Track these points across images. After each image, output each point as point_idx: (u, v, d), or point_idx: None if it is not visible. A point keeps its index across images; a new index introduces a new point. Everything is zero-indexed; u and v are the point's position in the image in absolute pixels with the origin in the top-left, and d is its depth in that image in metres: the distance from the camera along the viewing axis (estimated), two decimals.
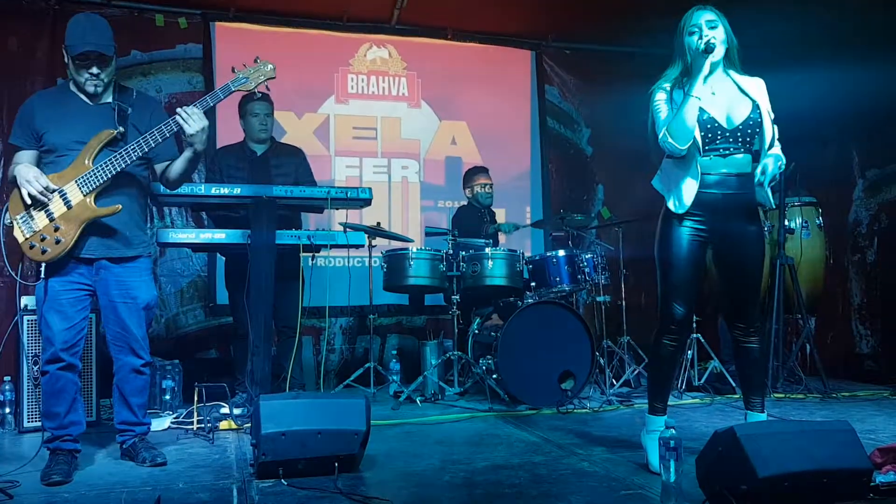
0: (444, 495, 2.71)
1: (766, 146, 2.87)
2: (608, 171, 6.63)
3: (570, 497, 2.65)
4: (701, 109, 2.86)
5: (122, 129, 3.09)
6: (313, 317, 5.10)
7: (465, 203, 5.68)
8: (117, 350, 3.18)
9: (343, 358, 5.86)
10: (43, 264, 2.96)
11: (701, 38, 2.88)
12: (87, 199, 2.98)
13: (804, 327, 4.93)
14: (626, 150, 6.47)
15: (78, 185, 2.97)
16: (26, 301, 4.03)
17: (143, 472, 3.05)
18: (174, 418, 4.06)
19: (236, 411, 4.03)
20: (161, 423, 3.98)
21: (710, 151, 2.90)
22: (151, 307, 3.25)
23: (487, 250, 4.84)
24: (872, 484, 2.43)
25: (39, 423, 3.88)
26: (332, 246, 4.22)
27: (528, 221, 6.32)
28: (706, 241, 2.97)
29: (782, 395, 4.66)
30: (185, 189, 3.57)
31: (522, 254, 4.98)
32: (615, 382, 4.93)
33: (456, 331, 4.83)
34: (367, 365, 4.88)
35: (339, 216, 5.02)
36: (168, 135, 3.06)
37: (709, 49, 2.85)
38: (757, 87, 2.97)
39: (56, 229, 2.95)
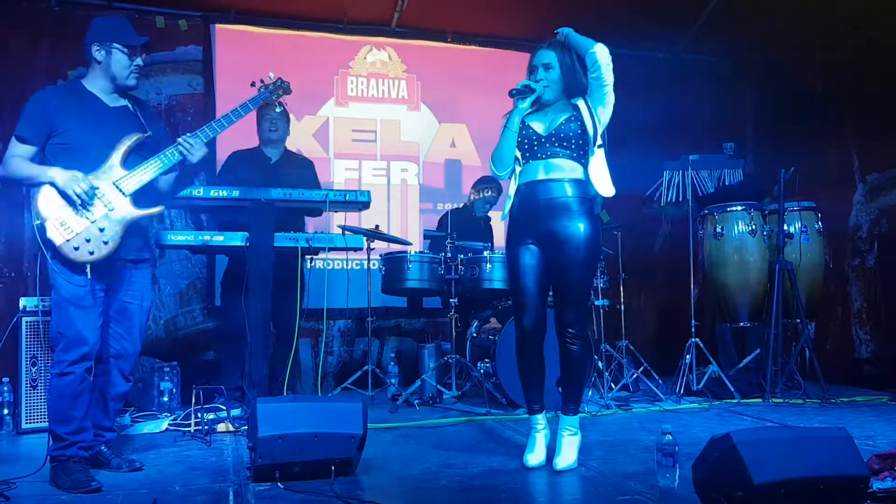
0: (441, 500, 2.71)
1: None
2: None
3: (568, 502, 2.64)
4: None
5: (150, 132, 3.08)
6: (311, 319, 5.09)
7: (461, 206, 5.69)
8: (111, 353, 3.10)
9: (341, 360, 5.86)
10: (88, 265, 2.88)
11: (536, 79, 3.17)
12: (129, 201, 2.97)
13: (803, 332, 4.92)
14: (624, 153, 6.48)
15: (117, 186, 2.94)
16: (25, 302, 4.03)
17: (139, 474, 3.05)
18: (172, 420, 4.06)
19: (234, 413, 4.03)
20: (159, 425, 3.98)
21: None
22: (150, 312, 3.25)
23: (486, 254, 4.82)
24: (870, 491, 2.43)
25: (37, 425, 3.91)
26: (331, 249, 4.22)
27: None
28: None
29: (781, 401, 4.64)
30: (183, 191, 3.55)
31: None
32: (613, 386, 4.91)
33: (454, 334, 4.82)
34: (365, 368, 4.87)
35: (338, 219, 5.02)
36: (180, 157, 3.08)
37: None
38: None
39: (101, 230, 2.90)
